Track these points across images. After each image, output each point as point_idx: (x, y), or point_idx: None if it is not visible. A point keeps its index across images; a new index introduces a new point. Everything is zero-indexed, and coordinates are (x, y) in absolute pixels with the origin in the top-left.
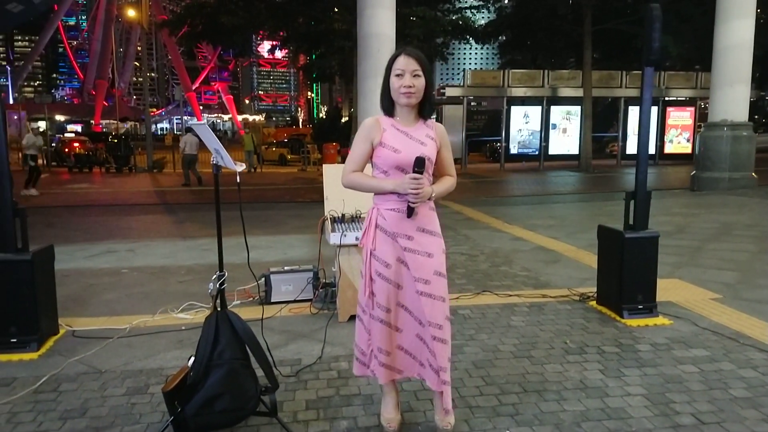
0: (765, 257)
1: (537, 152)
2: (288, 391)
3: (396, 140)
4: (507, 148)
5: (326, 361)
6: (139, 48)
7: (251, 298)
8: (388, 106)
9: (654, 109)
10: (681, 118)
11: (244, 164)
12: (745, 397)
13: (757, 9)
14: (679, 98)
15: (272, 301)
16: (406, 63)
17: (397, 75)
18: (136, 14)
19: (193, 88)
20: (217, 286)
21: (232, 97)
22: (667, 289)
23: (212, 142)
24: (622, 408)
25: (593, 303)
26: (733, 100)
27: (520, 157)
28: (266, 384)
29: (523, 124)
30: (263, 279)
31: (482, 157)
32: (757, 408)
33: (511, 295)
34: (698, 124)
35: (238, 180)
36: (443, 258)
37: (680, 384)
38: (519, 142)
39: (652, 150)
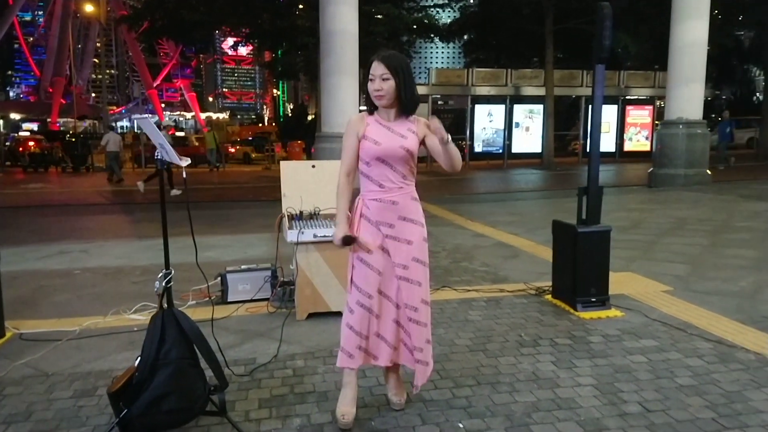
0: (716, 251)
1: (501, 150)
2: (241, 390)
3: (377, 133)
4: (472, 146)
5: (282, 360)
6: (98, 44)
7: (207, 298)
8: (371, 106)
9: (614, 108)
10: (640, 116)
11: (188, 159)
12: (690, 385)
13: (713, 10)
14: (638, 97)
15: (229, 300)
16: (375, 67)
17: (370, 80)
18: (94, 10)
19: (155, 85)
20: (164, 284)
21: (195, 94)
22: (620, 282)
23: (156, 136)
24: (572, 398)
25: (549, 296)
26: (688, 99)
27: (485, 155)
28: (215, 383)
29: (487, 123)
30: (219, 278)
31: None
32: (701, 395)
33: (469, 290)
34: (656, 122)
35: (185, 175)
36: (424, 246)
37: (629, 374)
38: (483, 141)
39: (612, 148)
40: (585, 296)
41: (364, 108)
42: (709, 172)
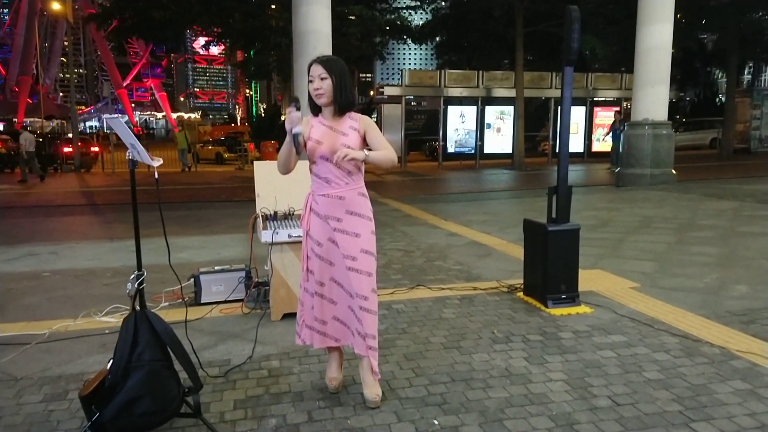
0: (681, 248)
1: (473, 151)
2: (216, 392)
3: (319, 133)
4: (445, 146)
5: (257, 361)
6: (65, 43)
7: (180, 300)
8: (314, 107)
9: (582, 109)
10: (607, 117)
11: (160, 159)
12: (658, 378)
13: (677, 14)
14: (605, 98)
15: (202, 301)
16: (314, 69)
17: (309, 81)
18: (61, 8)
19: (125, 84)
20: (136, 286)
21: (165, 94)
22: (590, 279)
23: (127, 136)
24: (544, 393)
25: (520, 294)
26: (654, 100)
27: (458, 155)
28: (190, 385)
29: (459, 124)
30: (192, 279)
31: (422, 155)
32: (668, 389)
33: (443, 289)
34: (619, 122)
35: (156, 176)
36: (372, 238)
37: (598, 369)
38: (456, 141)
39: (580, 148)
40: (555, 293)
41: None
42: (674, 171)
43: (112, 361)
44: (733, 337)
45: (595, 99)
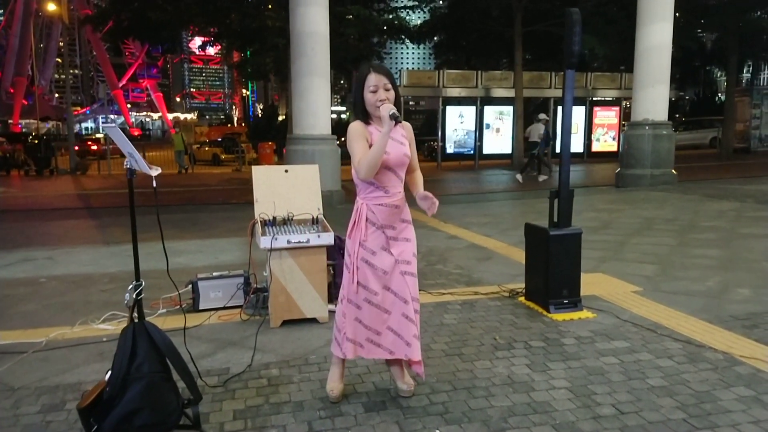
0: (683, 250)
1: (472, 151)
2: (215, 402)
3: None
4: (443, 147)
5: (256, 369)
6: (61, 44)
7: (178, 306)
8: (364, 117)
9: (582, 109)
10: (607, 117)
11: (159, 168)
12: (662, 385)
13: (677, 13)
14: (605, 98)
15: (200, 308)
16: (377, 79)
17: (372, 91)
18: (56, 8)
19: (120, 85)
20: (134, 296)
21: (162, 94)
22: (591, 283)
23: (125, 145)
24: (547, 402)
25: (522, 298)
26: (653, 100)
27: (457, 156)
28: (189, 396)
29: (458, 124)
30: (190, 286)
31: (421, 156)
32: (672, 396)
33: (444, 294)
34: (623, 123)
35: (155, 185)
36: (415, 241)
37: (602, 376)
38: (455, 142)
39: (580, 148)
40: (557, 298)
41: (340, 109)
42: (674, 171)
43: (110, 372)
44: (736, 342)
45: (594, 99)
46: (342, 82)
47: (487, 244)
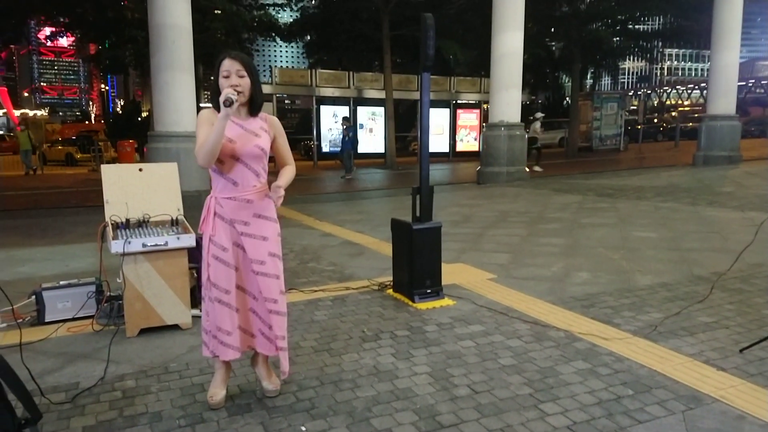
0: (532, 240)
1: None
2: (61, 419)
3: (231, 131)
4: (319, 146)
5: (109, 382)
6: None
7: (21, 320)
8: (217, 103)
9: (446, 111)
10: (469, 119)
11: None
12: (511, 364)
13: (528, 23)
14: (467, 101)
15: (47, 320)
16: (230, 65)
17: (225, 76)
18: None
19: None
20: None
21: (6, 89)
22: (452, 272)
23: None
24: (409, 388)
25: (390, 291)
26: (508, 103)
27: (332, 155)
28: (26, 416)
29: (333, 124)
30: (33, 297)
31: (297, 155)
32: (521, 373)
33: (316, 291)
34: (483, 124)
35: None
36: (278, 240)
37: (459, 359)
38: (330, 141)
39: (446, 148)
40: (421, 288)
41: (207, 105)
42: (527, 169)
43: None
44: (575, 320)
45: (458, 102)
46: (212, 78)
47: (360, 240)
